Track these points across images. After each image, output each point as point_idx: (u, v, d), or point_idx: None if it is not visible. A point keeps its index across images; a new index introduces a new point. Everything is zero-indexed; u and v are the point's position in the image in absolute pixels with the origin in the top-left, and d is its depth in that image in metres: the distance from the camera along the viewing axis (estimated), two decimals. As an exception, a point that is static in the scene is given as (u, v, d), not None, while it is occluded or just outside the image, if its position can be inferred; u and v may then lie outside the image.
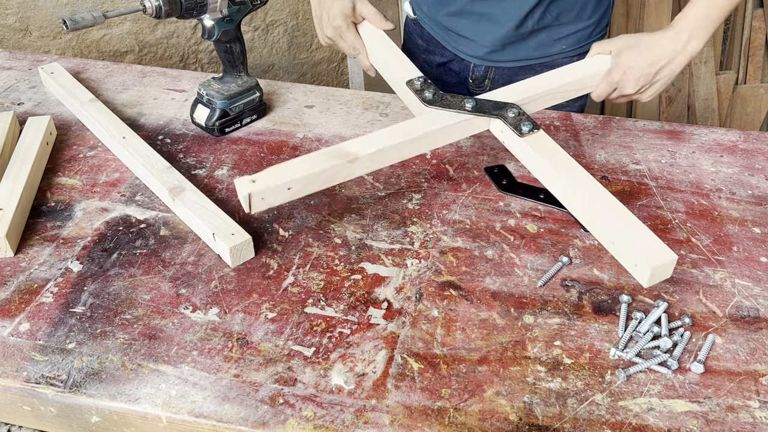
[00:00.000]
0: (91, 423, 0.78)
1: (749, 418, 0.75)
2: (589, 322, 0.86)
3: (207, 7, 1.05)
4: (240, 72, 1.18)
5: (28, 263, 0.92)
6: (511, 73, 1.33)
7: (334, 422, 0.74)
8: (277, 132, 1.19)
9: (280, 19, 2.32)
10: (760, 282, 0.92)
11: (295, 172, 0.87)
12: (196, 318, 0.85)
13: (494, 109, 0.99)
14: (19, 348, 0.81)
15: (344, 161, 0.89)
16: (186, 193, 0.99)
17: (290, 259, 0.94)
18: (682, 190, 1.08)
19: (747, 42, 2.39)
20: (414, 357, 0.81)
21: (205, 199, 0.98)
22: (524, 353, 0.82)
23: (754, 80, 2.44)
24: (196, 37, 2.21)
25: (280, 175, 0.86)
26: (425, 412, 0.75)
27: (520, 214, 1.03)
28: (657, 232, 0.99)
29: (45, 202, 1.02)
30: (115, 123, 1.13)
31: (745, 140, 1.20)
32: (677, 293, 0.90)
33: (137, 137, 1.10)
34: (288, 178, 0.86)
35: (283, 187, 0.86)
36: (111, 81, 1.32)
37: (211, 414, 0.75)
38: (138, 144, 1.08)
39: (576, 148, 1.17)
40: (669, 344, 0.82)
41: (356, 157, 0.90)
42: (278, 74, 2.44)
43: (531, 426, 0.74)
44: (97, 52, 2.14)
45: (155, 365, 0.80)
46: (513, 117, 0.97)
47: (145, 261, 0.93)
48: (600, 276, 0.93)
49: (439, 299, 0.89)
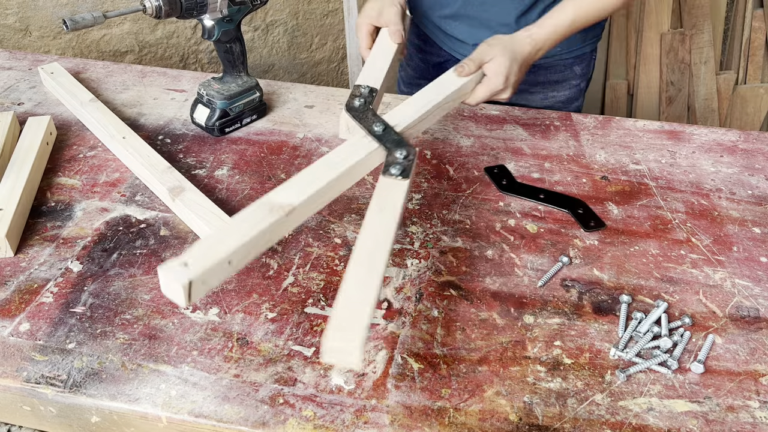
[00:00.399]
0: (91, 423, 0.78)
1: (749, 418, 0.75)
2: (589, 322, 0.86)
3: (207, 7, 1.05)
4: (240, 72, 1.18)
5: (28, 263, 0.92)
6: None
7: (334, 422, 0.74)
8: (277, 132, 1.19)
9: (280, 19, 2.32)
10: (760, 282, 0.92)
11: (231, 241, 0.71)
12: (196, 318, 0.85)
13: (393, 145, 0.87)
14: (19, 348, 0.81)
15: (282, 215, 0.75)
16: (186, 193, 0.99)
17: (290, 259, 0.94)
18: (682, 190, 1.08)
19: (747, 42, 2.39)
20: (414, 357, 0.81)
21: (206, 199, 0.98)
22: (524, 353, 0.82)
23: (754, 80, 2.44)
24: (196, 37, 2.21)
25: (215, 250, 0.70)
26: (425, 412, 0.75)
27: (520, 214, 1.03)
28: (657, 232, 1.00)
29: (45, 202, 1.02)
30: (115, 123, 1.13)
31: (745, 140, 1.20)
32: (677, 293, 0.90)
33: (137, 137, 1.10)
34: (226, 252, 0.70)
35: (223, 263, 0.70)
36: (111, 81, 1.32)
37: (211, 414, 0.75)
38: (138, 144, 1.08)
39: (576, 148, 1.17)
40: (669, 344, 0.82)
41: (293, 207, 0.77)
42: (278, 74, 2.44)
43: (531, 426, 0.74)
44: (97, 52, 2.14)
45: (155, 365, 0.80)
46: (400, 158, 0.85)
47: (145, 261, 0.93)
48: (600, 276, 0.93)
49: (439, 299, 0.89)
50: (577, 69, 1.36)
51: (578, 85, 1.38)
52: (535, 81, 1.34)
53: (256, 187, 1.06)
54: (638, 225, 1.01)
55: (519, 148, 1.16)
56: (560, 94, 1.37)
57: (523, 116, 1.25)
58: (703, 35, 2.36)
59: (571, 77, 1.36)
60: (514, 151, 1.16)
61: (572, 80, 1.36)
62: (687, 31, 2.35)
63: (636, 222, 1.02)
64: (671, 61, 2.37)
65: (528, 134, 1.20)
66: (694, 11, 2.33)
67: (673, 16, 2.36)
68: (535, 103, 1.37)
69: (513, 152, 1.15)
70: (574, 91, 1.38)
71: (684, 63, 2.38)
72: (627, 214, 1.03)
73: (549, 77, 1.35)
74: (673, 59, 2.37)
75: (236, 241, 0.71)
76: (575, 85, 1.37)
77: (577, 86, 1.38)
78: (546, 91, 1.37)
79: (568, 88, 1.37)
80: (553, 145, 1.18)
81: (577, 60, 1.35)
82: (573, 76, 1.36)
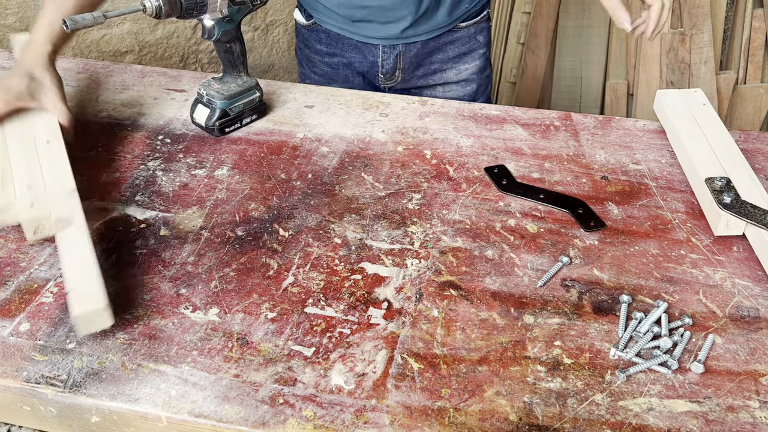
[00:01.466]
0: (91, 423, 0.78)
1: (749, 418, 0.75)
2: (589, 322, 0.86)
3: (207, 7, 1.05)
4: (240, 72, 1.18)
5: (28, 263, 0.92)
6: (420, 55, 1.39)
7: (334, 422, 0.74)
8: (277, 132, 1.19)
9: (280, 19, 2.32)
10: (760, 282, 0.92)
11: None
12: (196, 318, 0.85)
13: None
14: (19, 348, 0.81)
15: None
16: (70, 230, 0.88)
17: (290, 259, 0.94)
18: (682, 190, 1.08)
19: (747, 42, 2.39)
20: (414, 357, 0.81)
21: (87, 244, 0.87)
22: (524, 353, 0.82)
23: (754, 80, 2.44)
24: (196, 37, 2.21)
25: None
26: (425, 412, 0.75)
27: (520, 214, 1.03)
28: (657, 232, 1.00)
29: (45, 202, 1.02)
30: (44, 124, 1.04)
31: (745, 140, 1.20)
32: (677, 293, 0.90)
33: (62, 145, 1.01)
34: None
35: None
36: (111, 81, 1.32)
37: (211, 414, 0.75)
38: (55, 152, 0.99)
39: (576, 148, 1.17)
40: (669, 344, 0.82)
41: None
42: (278, 74, 2.44)
43: (531, 426, 0.74)
44: (97, 52, 2.14)
45: (155, 365, 0.80)
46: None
47: (145, 261, 0.93)
48: (600, 276, 0.93)
49: (439, 299, 0.89)
50: (480, 38, 1.44)
51: (485, 54, 1.46)
52: (446, 57, 1.42)
53: (256, 187, 1.06)
54: (638, 225, 1.01)
55: (519, 148, 1.16)
56: (471, 65, 1.45)
57: (523, 116, 1.25)
58: (703, 35, 2.36)
59: (477, 47, 1.44)
60: (514, 151, 1.16)
61: (479, 49, 1.45)
62: (687, 31, 2.35)
63: (636, 222, 1.02)
64: (671, 61, 2.37)
65: (528, 134, 1.20)
66: (694, 11, 2.33)
67: (673, 16, 2.36)
68: (451, 79, 1.45)
69: (513, 152, 1.15)
70: (482, 60, 1.46)
71: (684, 63, 2.38)
72: (627, 214, 1.03)
73: (458, 50, 1.42)
74: (673, 59, 2.37)
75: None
76: (482, 54, 1.46)
77: (484, 55, 1.46)
78: (458, 65, 1.44)
79: (477, 57, 1.45)
80: (553, 145, 1.18)
81: (478, 29, 1.43)
82: (479, 45, 1.44)
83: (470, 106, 1.27)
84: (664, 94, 1.23)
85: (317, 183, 1.08)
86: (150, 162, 1.11)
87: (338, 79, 1.45)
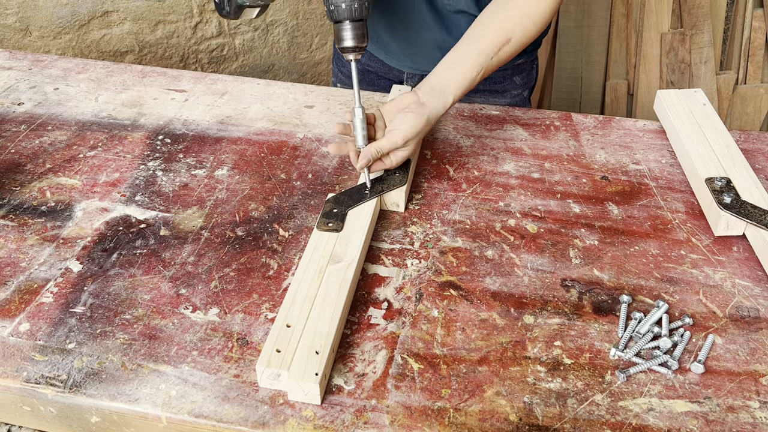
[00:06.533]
0: (91, 423, 0.78)
1: (749, 419, 0.75)
2: (589, 322, 0.86)
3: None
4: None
5: (28, 263, 0.92)
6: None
7: (334, 422, 0.74)
8: (277, 132, 1.19)
9: (280, 19, 2.32)
10: (760, 282, 0.92)
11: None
12: (196, 318, 0.85)
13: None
14: (19, 348, 0.81)
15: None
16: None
17: (290, 259, 0.94)
18: (682, 190, 1.08)
19: (747, 42, 2.39)
20: (414, 357, 0.81)
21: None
22: (524, 353, 0.82)
23: (754, 80, 2.44)
24: (196, 37, 2.21)
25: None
26: (425, 413, 0.75)
27: (520, 214, 1.03)
28: (657, 232, 1.00)
29: (45, 202, 1.02)
30: None
31: (745, 140, 1.20)
32: (677, 293, 0.90)
33: None
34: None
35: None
36: (111, 81, 1.32)
37: (211, 414, 0.75)
38: None
39: (576, 148, 1.17)
40: (669, 344, 0.82)
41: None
42: (278, 74, 2.44)
43: (531, 426, 0.74)
44: (97, 52, 2.14)
45: (155, 365, 0.80)
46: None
47: (145, 261, 0.93)
48: (600, 276, 0.93)
49: (439, 299, 0.89)
50: (517, 79, 1.37)
51: (520, 94, 1.39)
52: (476, 89, 1.31)
53: (256, 187, 1.06)
54: (638, 225, 1.01)
55: (519, 148, 1.16)
56: (502, 101, 1.38)
57: (523, 116, 1.25)
58: (703, 35, 2.36)
59: (511, 87, 1.37)
60: (514, 151, 1.16)
61: (513, 90, 1.37)
62: (687, 31, 2.35)
63: (636, 222, 1.02)
64: (671, 61, 2.37)
65: (528, 134, 1.20)
66: (694, 11, 2.33)
67: (673, 16, 2.36)
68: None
69: (513, 152, 1.15)
70: (516, 100, 1.39)
71: (684, 63, 2.38)
72: (627, 214, 1.03)
73: (489, 87, 1.36)
74: (673, 59, 2.37)
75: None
76: (516, 95, 1.38)
77: (519, 95, 1.39)
78: (487, 97, 1.37)
79: (510, 97, 1.38)
80: (553, 145, 1.18)
81: (517, 70, 1.36)
82: (513, 86, 1.37)
83: (470, 106, 1.27)
84: (664, 94, 1.23)
85: (317, 183, 1.08)
86: (150, 162, 1.11)
87: (365, 80, 1.42)
